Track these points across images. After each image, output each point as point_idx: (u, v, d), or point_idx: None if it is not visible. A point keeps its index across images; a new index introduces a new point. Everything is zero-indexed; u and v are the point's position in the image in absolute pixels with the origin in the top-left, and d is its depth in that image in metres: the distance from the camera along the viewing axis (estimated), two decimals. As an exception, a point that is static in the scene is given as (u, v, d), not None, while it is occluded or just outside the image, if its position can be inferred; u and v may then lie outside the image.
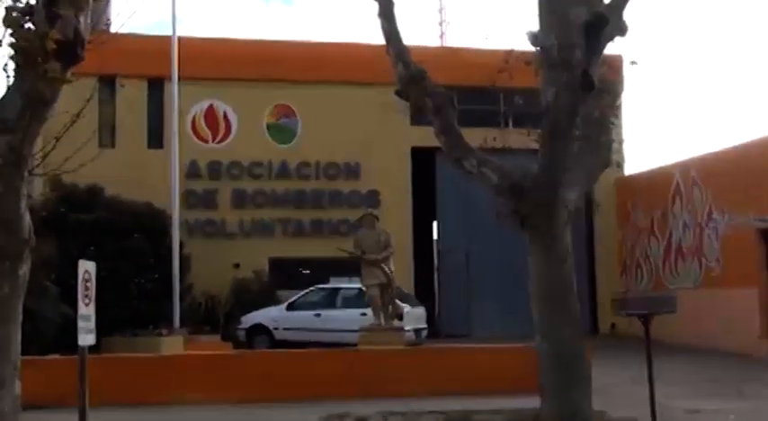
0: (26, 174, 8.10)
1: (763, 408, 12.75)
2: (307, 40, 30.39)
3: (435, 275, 32.67)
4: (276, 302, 24.59)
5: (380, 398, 13.10)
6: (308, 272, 27.20)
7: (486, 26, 62.53)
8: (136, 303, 21.67)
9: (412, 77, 11.47)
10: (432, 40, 34.91)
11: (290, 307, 23.66)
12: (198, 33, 33.33)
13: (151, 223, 23.41)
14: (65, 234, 20.62)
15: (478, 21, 65.32)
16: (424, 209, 30.67)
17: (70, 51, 7.68)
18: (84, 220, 21.97)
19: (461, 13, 72.33)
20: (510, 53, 12.23)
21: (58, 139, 8.75)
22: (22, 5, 7.60)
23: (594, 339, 22.84)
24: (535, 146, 10.85)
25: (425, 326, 23.61)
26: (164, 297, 21.82)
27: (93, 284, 7.97)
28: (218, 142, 28.52)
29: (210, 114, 28.49)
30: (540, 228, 10.76)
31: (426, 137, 14.12)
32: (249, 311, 24.16)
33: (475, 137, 12.26)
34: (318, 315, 23.10)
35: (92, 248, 19.83)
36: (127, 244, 22.27)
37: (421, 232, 31.49)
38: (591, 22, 10.00)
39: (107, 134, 27.14)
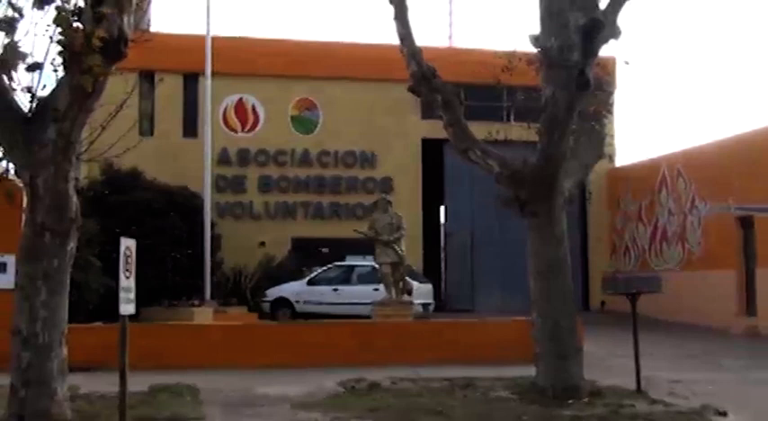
0: (74, 158, 8.14)
1: (738, 379, 12.74)
2: (328, 41, 30.31)
3: (442, 255, 32.64)
4: (302, 278, 24.60)
5: (391, 366, 13.12)
6: (326, 250, 27.20)
7: (492, 29, 62.27)
8: (171, 277, 21.70)
9: (423, 75, 11.45)
10: (441, 42, 34.72)
11: (311, 282, 23.69)
12: (231, 33, 33.26)
13: (186, 205, 23.43)
14: (109, 213, 20.66)
15: (485, 24, 64.95)
16: (432, 194, 30.63)
17: (114, 48, 7.70)
18: (127, 201, 22.04)
19: (469, 17, 71.94)
20: (513, 54, 12.21)
21: (103, 128, 8.80)
22: (70, 6, 7.62)
23: (586, 315, 22.79)
24: (535, 138, 10.83)
25: (432, 301, 23.61)
26: (196, 272, 21.87)
27: (133, 259, 7.99)
28: (247, 132, 28.52)
29: (240, 107, 28.49)
30: (538, 213, 10.76)
31: (436, 129, 14.10)
32: (273, 285, 24.22)
33: (480, 130, 12.25)
34: (336, 289, 23.14)
35: (133, 227, 19.88)
36: (164, 223, 22.29)
37: (430, 215, 31.46)
38: (587, 26, 9.96)
39: (147, 124, 27.16)
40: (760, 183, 21.25)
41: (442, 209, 33.14)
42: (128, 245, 7.92)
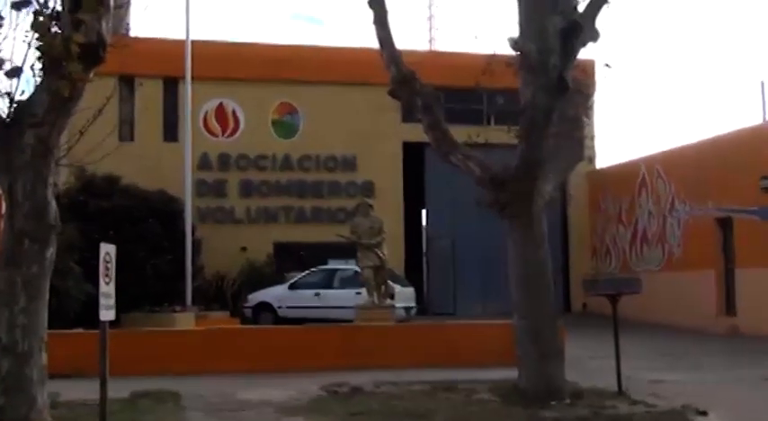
0: (53, 164, 8.10)
1: (719, 379, 12.83)
2: (308, 44, 30.31)
3: (424, 259, 32.65)
4: (284, 282, 24.56)
5: (374, 369, 13.12)
6: (308, 254, 27.17)
7: (471, 32, 62.47)
8: (152, 283, 21.60)
9: (403, 78, 11.47)
10: (422, 45, 34.90)
11: (292, 286, 23.67)
12: (211, 37, 33.22)
13: (166, 210, 23.35)
14: (88, 219, 20.55)
15: (464, 28, 65.20)
16: (414, 198, 30.66)
17: (93, 53, 7.67)
18: (106, 207, 21.92)
19: (449, 20, 72.16)
20: (493, 57, 12.22)
21: (82, 133, 8.76)
22: (48, 11, 7.59)
23: (567, 317, 22.89)
24: (515, 142, 10.87)
25: (414, 304, 23.63)
26: (177, 277, 21.80)
27: (113, 265, 7.95)
28: (228, 136, 28.45)
29: (221, 111, 28.42)
30: (518, 216, 10.80)
31: (416, 133, 14.09)
32: (255, 290, 24.17)
33: (460, 133, 12.24)
34: (318, 294, 23.13)
35: (112, 233, 19.76)
36: (144, 229, 22.21)
37: (411, 219, 31.49)
38: (566, 30, 10.02)
39: (126, 129, 27.06)
40: (739, 184, 21.42)
41: (424, 212, 33.18)
42: (107, 250, 7.89)
